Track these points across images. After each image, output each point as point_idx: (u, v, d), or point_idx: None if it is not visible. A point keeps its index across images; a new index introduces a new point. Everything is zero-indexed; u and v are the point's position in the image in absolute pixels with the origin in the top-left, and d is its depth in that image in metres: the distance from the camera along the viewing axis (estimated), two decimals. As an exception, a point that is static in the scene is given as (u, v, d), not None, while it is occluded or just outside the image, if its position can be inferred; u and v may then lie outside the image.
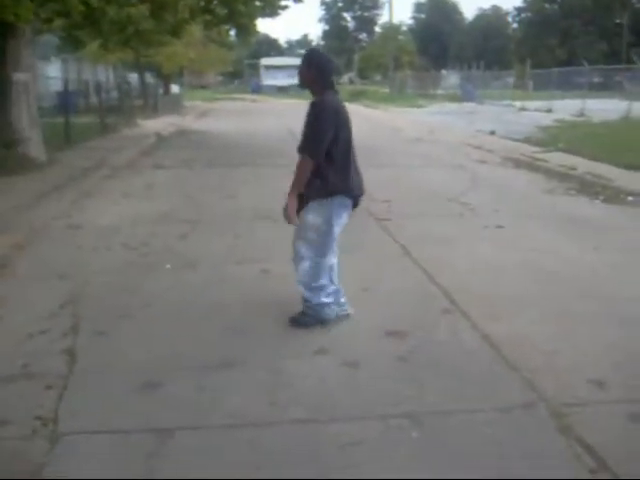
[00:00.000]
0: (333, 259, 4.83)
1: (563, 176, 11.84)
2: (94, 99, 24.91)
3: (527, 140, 17.43)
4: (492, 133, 19.79)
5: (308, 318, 4.84)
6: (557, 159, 13.59)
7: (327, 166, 4.52)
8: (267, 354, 4.40)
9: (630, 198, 9.80)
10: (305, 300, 4.83)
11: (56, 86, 24.18)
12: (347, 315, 4.94)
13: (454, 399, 3.77)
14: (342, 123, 4.55)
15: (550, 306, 5.28)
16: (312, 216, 4.60)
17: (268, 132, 22.44)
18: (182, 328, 4.87)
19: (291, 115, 32.29)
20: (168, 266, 6.37)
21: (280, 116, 32.38)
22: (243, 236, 7.59)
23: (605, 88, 40.62)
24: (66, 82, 20.74)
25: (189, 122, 29.18)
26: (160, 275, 6.15)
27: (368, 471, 3.11)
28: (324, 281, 4.76)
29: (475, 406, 3.69)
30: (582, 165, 12.53)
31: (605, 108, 24.12)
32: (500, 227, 7.93)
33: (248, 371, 4.15)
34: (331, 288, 4.83)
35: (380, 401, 3.75)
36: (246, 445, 3.33)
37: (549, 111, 28.64)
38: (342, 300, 4.94)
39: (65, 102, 18.12)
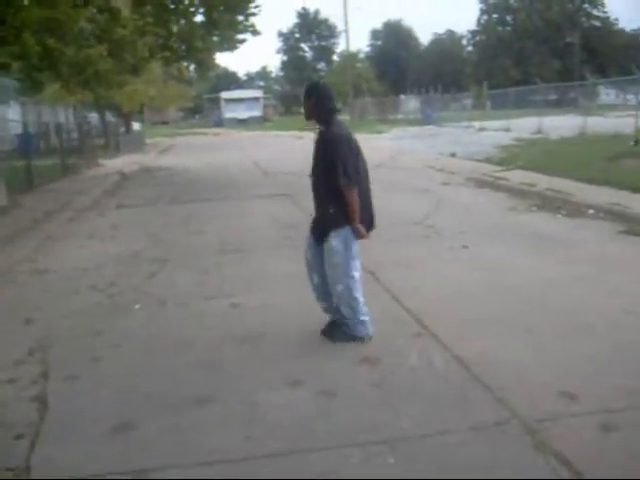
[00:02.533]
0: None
1: (525, 193, 12.04)
2: (55, 140, 24.75)
3: (488, 160, 17.70)
4: (453, 155, 20.06)
5: (341, 334, 5.09)
6: (518, 177, 13.82)
7: (342, 196, 4.85)
8: (241, 388, 4.38)
9: (590, 211, 10.00)
10: (345, 317, 5.06)
11: (16, 129, 24.02)
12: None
13: (429, 422, 3.79)
14: (356, 150, 4.94)
15: (517, 323, 5.35)
16: (334, 242, 4.94)
17: (232, 165, 22.47)
18: (154, 367, 4.84)
19: (254, 147, 32.51)
20: (137, 306, 6.33)
21: (243, 149, 32.50)
22: (211, 271, 7.57)
23: (560, 105, 41.65)
24: (25, 125, 20.60)
25: (152, 159, 29.11)
26: (129, 315, 6.10)
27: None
28: (360, 297, 5.06)
29: (450, 427, 3.71)
30: (542, 181, 12.75)
31: (561, 125, 24.62)
32: (465, 247, 8.02)
33: (222, 406, 4.14)
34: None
35: (356, 429, 3.76)
36: (223, 482, 3.31)
37: (508, 130, 29.12)
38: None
39: (25, 145, 18.01)
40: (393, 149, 24.07)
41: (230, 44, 21.62)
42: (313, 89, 5.00)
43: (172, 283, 7.14)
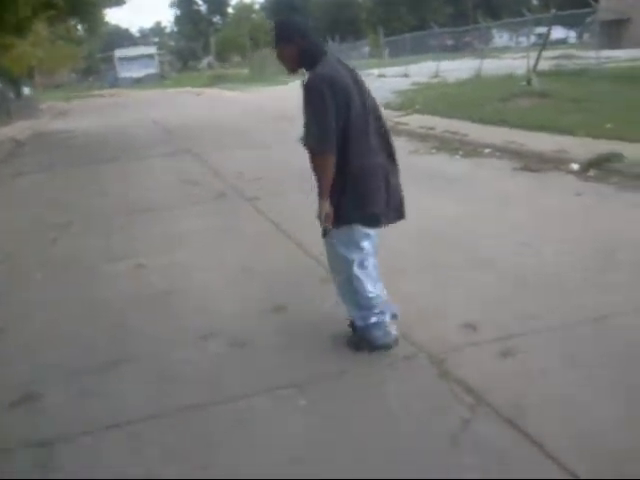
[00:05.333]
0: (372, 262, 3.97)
1: (424, 136, 12.26)
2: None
3: (387, 105, 17.82)
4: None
5: (360, 341, 3.97)
6: (417, 121, 14.03)
7: (338, 179, 3.64)
8: (152, 347, 4.35)
9: (487, 150, 10.29)
10: (353, 320, 3.99)
11: None
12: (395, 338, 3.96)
13: (338, 363, 3.86)
14: (347, 96, 3.55)
15: (421, 260, 5.50)
16: (334, 240, 3.85)
17: (132, 125, 21.87)
18: (61, 334, 4.73)
19: (153, 106, 31.69)
20: (39, 275, 6.15)
21: (142, 108, 31.64)
22: (116, 233, 7.40)
23: (456, 49, 42.29)
24: None
25: (46, 124, 28.01)
26: (32, 284, 5.92)
27: (261, 444, 3.16)
28: (371, 290, 3.86)
29: (359, 366, 3.81)
30: (440, 124, 13.00)
31: (458, 68, 25.03)
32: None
33: (134, 367, 4.10)
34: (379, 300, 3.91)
35: (267, 375, 3.81)
36: (134, 442, 3.29)
37: (406, 76, 29.36)
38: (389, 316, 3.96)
39: None
40: (295, 100, 23.93)
41: (118, -3, 20.87)
42: (291, 27, 3.64)
43: (76, 247, 6.95)
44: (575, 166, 8.63)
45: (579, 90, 15.08)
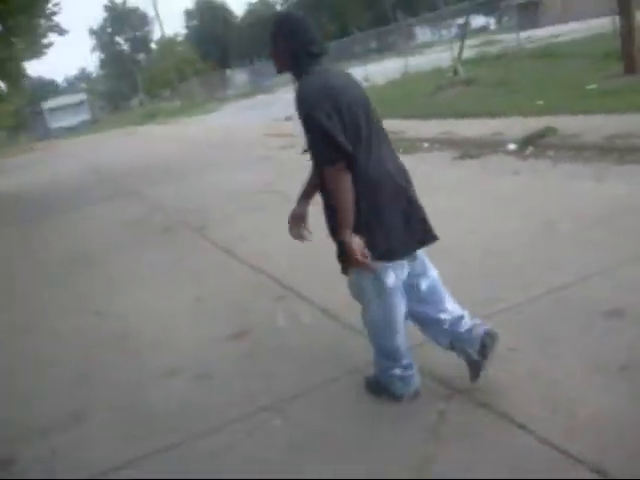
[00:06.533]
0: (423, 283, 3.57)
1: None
2: None
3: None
4: (288, 119, 20.13)
5: (380, 387, 3.48)
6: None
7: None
8: (116, 392, 4.24)
9: (425, 145, 10.39)
10: (374, 364, 3.51)
11: None
12: (495, 335, 3.30)
13: (307, 378, 3.82)
14: (353, 110, 3.06)
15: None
16: (354, 276, 3.42)
17: (67, 177, 21.42)
18: (23, 392, 4.58)
19: (87, 152, 31.22)
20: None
21: (74, 157, 31.08)
22: (66, 284, 7.19)
23: (381, 51, 42.84)
24: None
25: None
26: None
27: (247, 472, 3.10)
28: (397, 342, 3.33)
29: (329, 376, 3.77)
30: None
31: (385, 70, 25.35)
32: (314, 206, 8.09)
33: (101, 416, 3.98)
34: (407, 356, 3.38)
35: (238, 403, 3.73)
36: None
37: (337, 84, 29.58)
38: (476, 321, 3.41)
39: None
40: (227, 126, 23.91)
41: (36, 49, 20.55)
42: (275, 27, 3.20)
43: (24, 307, 6.74)
44: (512, 146, 8.77)
45: (503, 73, 15.37)
